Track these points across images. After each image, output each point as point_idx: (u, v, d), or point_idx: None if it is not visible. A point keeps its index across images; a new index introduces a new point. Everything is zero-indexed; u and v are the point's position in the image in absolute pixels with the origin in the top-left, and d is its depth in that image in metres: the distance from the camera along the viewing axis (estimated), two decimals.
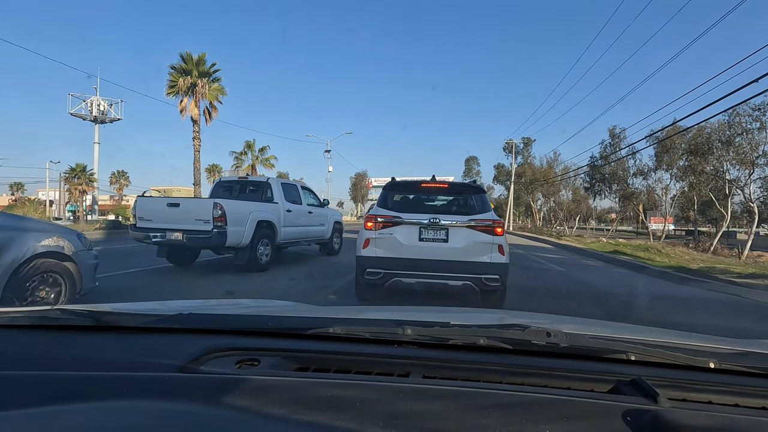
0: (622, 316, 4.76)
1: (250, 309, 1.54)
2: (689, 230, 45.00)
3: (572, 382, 0.84)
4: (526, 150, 46.39)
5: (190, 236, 6.70)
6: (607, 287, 7.10)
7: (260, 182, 8.70)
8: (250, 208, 7.37)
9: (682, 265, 10.36)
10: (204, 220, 6.69)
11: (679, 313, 5.45)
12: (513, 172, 39.60)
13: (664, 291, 7.20)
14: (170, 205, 7.02)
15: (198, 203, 7.28)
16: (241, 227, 6.99)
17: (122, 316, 1.08)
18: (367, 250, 4.53)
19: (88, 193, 44.22)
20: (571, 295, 6.07)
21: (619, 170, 24.51)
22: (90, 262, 4.10)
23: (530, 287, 6.51)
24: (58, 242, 3.74)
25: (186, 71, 23.73)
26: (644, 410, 0.69)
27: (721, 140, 17.23)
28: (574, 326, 1.19)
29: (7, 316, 1.06)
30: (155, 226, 6.93)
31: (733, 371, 0.89)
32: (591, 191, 27.70)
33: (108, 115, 35.56)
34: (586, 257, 12.64)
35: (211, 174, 54.73)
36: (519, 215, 48.88)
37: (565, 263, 10.46)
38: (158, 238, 6.84)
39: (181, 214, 6.89)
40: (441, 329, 0.98)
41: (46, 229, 3.81)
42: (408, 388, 0.76)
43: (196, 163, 25.07)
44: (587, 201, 38.37)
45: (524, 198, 43.28)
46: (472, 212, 4.69)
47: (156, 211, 7.07)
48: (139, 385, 0.75)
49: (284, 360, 0.92)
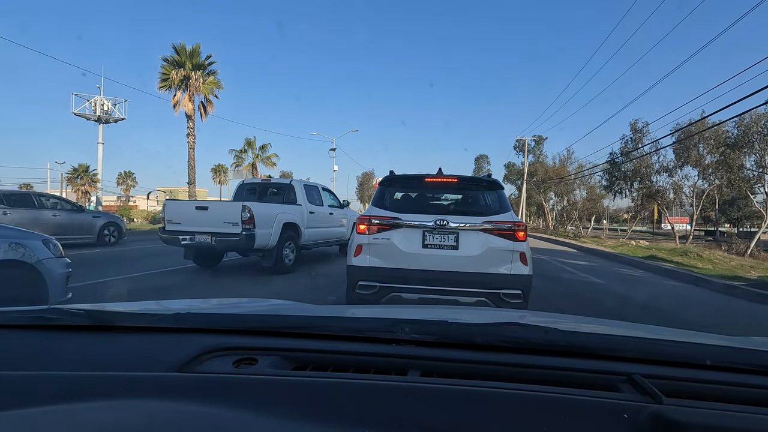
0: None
1: (248, 308, 1.52)
2: (708, 230, 43.34)
3: (570, 380, 0.83)
4: (538, 148, 44.92)
5: (219, 239, 6.77)
6: (677, 312, 5.42)
7: (284, 184, 8.78)
8: (277, 211, 7.42)
9: (736, 274, 8.83)
10: (233, 222, 6.75)
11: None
12: (525, 170, 37.96)
13: (760, 316, 5.50)
14: (199, 208, 7.12)
15: (227, 206, 7.28)
16: (268, 229, 7.05)
17: (119, 316, 1.09)
18: (359, 259, 3.81)
19: (92, 193, 43.30)
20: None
21: (642, 167, 22.86)
22: (59, 271, 3.60)
23: (569, 310, 4.99)
24: (17, 250, 3.32)
25: (179, 64, 22.39)
26: (642, 408, 0.69)
27: (762, 132, 15.61)
28: (571, 324, 1.29)
29: (3, 316, 1.06)
30: (184, 229, 6.98)
31: (730, 369, 0.87)
32: (610, 190, 25.97)
33: (112, 115, 34.47)
34: (620, 264, 10.97)
35: (216, 174, 53.68)
36: (530, 215, 47.26)
37: (600, 273, 8.85)
38: (187, 240, 6.91)
39: (209, 217, 6.95)
40: (439, 328, 1.01)
41: (3, 234, 3.34)
42: (406, 386, 0.76)
43: (190, 160, 23.74)
44: (602, 200, 36.93)
45: (535, 198, 41.92)
46: (488, 213, 3.95)
47: (185, 214, 7.14)
48: (136, 385, 0.75)
49: (282, 359, 0.91)
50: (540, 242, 20.54)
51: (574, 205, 37.03)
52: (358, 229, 3.91)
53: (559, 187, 37.52)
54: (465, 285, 3.64)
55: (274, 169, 37.31)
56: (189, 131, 23.37)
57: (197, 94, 22.85)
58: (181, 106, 22.78)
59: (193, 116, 23.22)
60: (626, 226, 51.64)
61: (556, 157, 40.39)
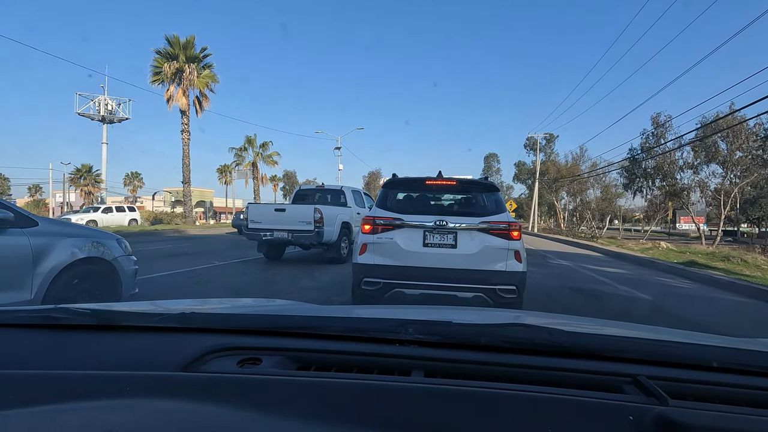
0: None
1: (251, 308, 1.52)
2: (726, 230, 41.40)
3: (574, 381, 0.82)
4: (549, 146, 43.60)
5: (294, 234, 8.35)
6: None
7: (336, 190, 10.43)
8: (337, 212, 8.98)
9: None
10: (306, 221, 8.27)
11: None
12: (537, 169, 36.47)
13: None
14: (277, 210, 8.73)
15: (301, 209, 8.64)
16: (332, 227, 8.59)
17: (125, 315, 1.09)
18: (364, 257, 4.05)
19: (96, 194, 42.46)
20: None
21: (665, 164, 21.34)
22: (130, 267, 3.97)
23: None
24: (98, 248, 3.65)
25: (172, 56, 21.24)
26: (647, 409, 0.68)
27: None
28: (575, 325, 1.27)
29: (11, 315, 1.07)
30: (265, 227, 8.53)
31: (736, 370, 0.86)
32: (630, 188, 24.45)
33: (116, 115, 33.52)
34: (659, 272, 9.41)
35: (222, 174, 52.48)
36: (541, 215, 45.77)
37: (642, 285, 7.40)
38: (267, 236, 8.50)
39: (286, 218, 8.49)
40: (442, 328, 1.00)
41: (86, 234, 3.75)
42: (409, 387, 0.76)
43: (185, 158, 22.57)
44: (617, 200, 35.43)
45: (547, 197, 40.51)
46: (485, 213, 4.19)
47: (265, 215, 8.67)
48: (141, 384, 0.75)
49: (286, 359, 0.91)
50: (556, 244, 19.06)
51: (587, 205, 35.48)
52: (363, 229, 4.09)
53: (571, 186, 36.06)
54: (463, 281, 3.82)
55: (276, 167, 36.13)
56: (183, 127, 22.23)
57: (192, 88, 21.69)
58: (175, 101, 21.63)
59: (187, 112, 22.08)
60: (639, 226, 49.99)
61: (568, 156, 39.19)
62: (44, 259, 3.25)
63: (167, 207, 46.89)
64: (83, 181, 54.76)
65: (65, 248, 3.43)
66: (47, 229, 3.44)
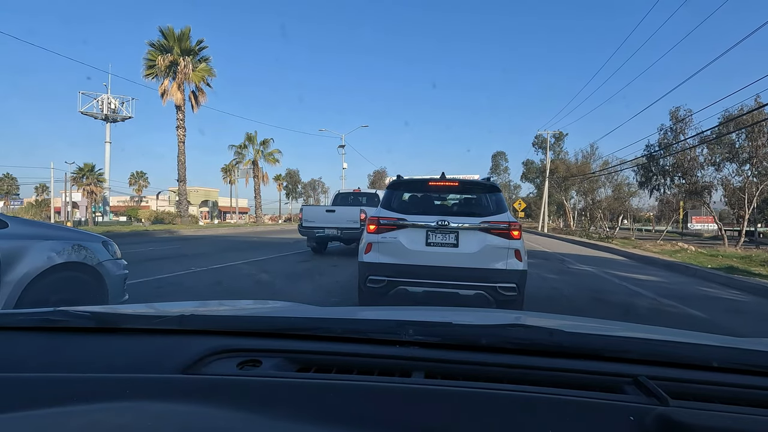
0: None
1: (251, 310, 1.53)
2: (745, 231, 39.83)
3: (575, 381, 0.82)
4: (558, 145, 42.47)
5: (344, 232, 10.27)
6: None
7: (370, 193, 12.44)
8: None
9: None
10: (353, 221, 10.16)
11: None
12: (548, 168, 35.29)
13: None
14: (328, 211, 10.64)
15: (349, 210, 10.57)
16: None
17: (124, 318, 1.08)
18: (369, 256, 4.14)
19: (99, 194, 41.74)
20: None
21: (685, 160, 20.14)
22: (117, 272, 3.62)
23: None
24: (79, 251, 3.33)
25: (166, 48, 20.32)
26: (648, 410, 0.68)
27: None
28: (576, 325, 1.26)
29: (10, 318, 1.07)
30: (317, 225, 10.49)
31: (738, 370, 0.86)
32: (646, 186, 23.26)
33: (119, 113, 32.69)
34: (699, 281, 8.19)
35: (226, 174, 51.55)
36: (550, 215, 44.57)
37: (686, 298, 6.24)
38: (320, 233, 10.44)
39: (336, 217, 10.38)
40: (443, 329, 0.99)
41: (66, 236, 3.40)
42: (409, 388, 0.76)
43: (180, 155, 21.65)
44: (630, 199, 34.16)
45: (556, 196, 39.34)
46: (486, 213, 4.26)
47: (317, 215, 10.67)
48: (141, 387, 0.75)
49: (286, 361, 0.91)
50: (570, 246, 17.92)
51: (599, 204, 34.20)
52: (368, 229, 4.22)
53: (582, 185, 34.82)
54: (464, 279, 3.94)
55: (278, 166, 35.16)
56: (179, 123, 21.31)
57: (187, 82, 20.76)
58: (170, 96, 20.74)
59: (183, 107, 21.18)
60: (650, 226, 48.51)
61: (578, 154, 37.92)
62: (14, 266, 2.94)
63: (172, 206, 46.11)
64: (85, 180, 54.18)
65: (40, 253, 3.10)
66: (19, 231, 3.10)
